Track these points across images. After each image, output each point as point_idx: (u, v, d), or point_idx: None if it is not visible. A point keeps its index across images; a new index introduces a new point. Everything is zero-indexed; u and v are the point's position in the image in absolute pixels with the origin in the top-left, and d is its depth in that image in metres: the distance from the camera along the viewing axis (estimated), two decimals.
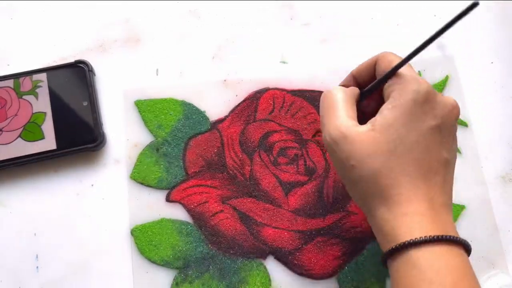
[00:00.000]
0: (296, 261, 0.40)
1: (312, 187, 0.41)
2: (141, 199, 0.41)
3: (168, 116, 0.43)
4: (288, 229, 0.40)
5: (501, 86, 0.44)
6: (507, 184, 0.42)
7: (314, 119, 0.43)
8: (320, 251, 0.40)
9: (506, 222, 0.41)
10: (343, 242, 0.40)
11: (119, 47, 0.45)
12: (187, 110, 0.43)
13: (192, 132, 0.42)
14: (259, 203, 0.41)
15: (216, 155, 0.42)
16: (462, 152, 0.42)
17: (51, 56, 0.44)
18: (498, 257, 0.40)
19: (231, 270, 0.39)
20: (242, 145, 0.42)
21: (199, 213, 0.40)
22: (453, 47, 0.45)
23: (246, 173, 0.42)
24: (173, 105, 0.43)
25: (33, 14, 0.45)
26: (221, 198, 0.41)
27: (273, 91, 0.44)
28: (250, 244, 0.40)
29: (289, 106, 0.43)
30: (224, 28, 0.45)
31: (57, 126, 0.41)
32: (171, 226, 0.40)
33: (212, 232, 0.40)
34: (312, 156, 0.42)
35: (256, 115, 0.43)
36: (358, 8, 0.46)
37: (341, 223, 0.40)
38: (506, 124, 0.43)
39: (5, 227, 0.40)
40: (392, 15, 0.46)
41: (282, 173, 0.42)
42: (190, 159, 0.42)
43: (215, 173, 0.41)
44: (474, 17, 0.45)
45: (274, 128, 0.43)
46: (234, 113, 0.43)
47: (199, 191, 0.41)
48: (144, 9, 0.46)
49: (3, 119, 0.41)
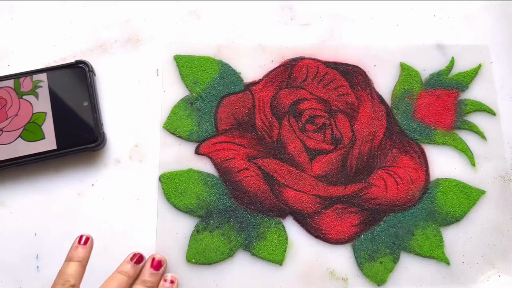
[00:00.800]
0: (314, 224, 0.41)
1: (337, 156, 0.42)
2: (171, 149, 0.42)
3: (204, 73, 0.44)
4: (309, 193, 0.41)
5: (501, 86, 0.45)
6: (507, 184, 0.42)
7: (346, 92, 0.44)
8: (338, 217, 0.41)
9: (506, 222, 0.41)
10: (361, 212, 0.41)
11: (120, 47, 0.45)
12: (223, 69, 0.44)
13: (226, 91, 0.44)
14: (283, 165, 0.42)
15: (247, 115, 0.43)
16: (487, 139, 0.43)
17: (51, 56, 0.44)
18: (498, 257, 0.41)
19: (251, 224, 0.40)
20: (272, 109, 0.43)
21: (225, 168, 0.42)
22: (453, 47, 0.45)
23: (274, 136, 0.43)
24: (210, 63, 0.44)
25: (33, 14, 0.45)
26: (247, 157, 0.42)
27: (308, 61, 0.45)
28: (271, 203, 0.41)
29: (322, 77, 0.44)
30: (224, 28, 0.46)
31: (58, 126, 0.40)
32: (197, 177, 0.41)
33: (235, 187, 0.41)
34: (340, 127, 0.43)
35: (289, 82, 0.44)
36: (358, 8, 0.47)
37: (361, 194, 0.41)
38: (506, 124, 0.44)
39: (5, 227, 0.40)
40: (392, 15, 0.47)
41: (308, 139, 0.43)
42: (221, 116, 0.43)
43: (244, 132, 0.43)
44: (474, 17, 0.46)
45: (305, 96, 0.44)
46: (268, 77, 0.44)
47: (227, 147, 0.42)
48: (144, 9, 0.46)
49: (3, 119, 0.40)
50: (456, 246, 0.41)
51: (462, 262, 0.40)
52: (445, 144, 0.43)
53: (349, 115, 0.43)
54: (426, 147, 0.43)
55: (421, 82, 0.44)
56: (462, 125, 0.43)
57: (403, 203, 0.41)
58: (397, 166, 0.42)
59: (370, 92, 0.44)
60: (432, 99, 0.44)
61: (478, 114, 0.44)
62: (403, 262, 0.40)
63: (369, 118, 0.43)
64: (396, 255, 0.40)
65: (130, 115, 0.43)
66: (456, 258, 0.41)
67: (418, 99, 0.44)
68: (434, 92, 0.44)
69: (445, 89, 0.44)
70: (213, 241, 0.40)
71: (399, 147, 0.43)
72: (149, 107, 0.43)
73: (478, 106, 0.44)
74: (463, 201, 0.42)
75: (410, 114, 0.44)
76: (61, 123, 0.40)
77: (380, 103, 0.44)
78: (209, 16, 0.46)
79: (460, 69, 0.45)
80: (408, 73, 0.45)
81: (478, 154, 0.43)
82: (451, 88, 0.44)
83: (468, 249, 0.41)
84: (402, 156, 0.43)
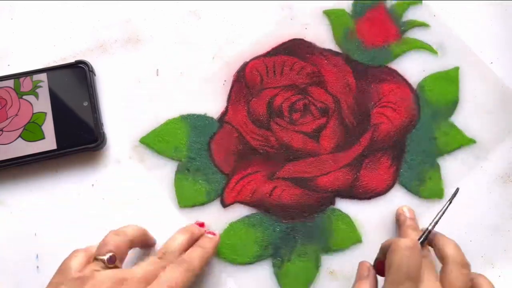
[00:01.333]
0: (360, 189, 0.42)
1: (334, 123, 0.43)
2: (202, 219, 0.41)
3: (177, 136, 0.42)
4: (337, 168, 0.42)
5: (501, 86, 0.45)
6: (507, 184, 0.42)
7: (301, 66, 0.44)
8: (373, 170, 0.42)
9: (506, 222, 0.42)
10: (386, 151, 0.43)
11: (120, 47, 0.44)
12: (190, 121, 0.43)
13: (207, 138, 0.43)
14: (300, 163, 0.42)
15: (240, 144, 0.43)
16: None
17: (51, 56, 0.44)
18: (498, 257, 0.41)
19: (315, 230, 0.41)
20: (255, 123, 0.43)
21: (258, 200, 0.41)
22: (453, 48, 0.45)
23: (275, 144, 0.43)
24: (174, 124, 0.43)
25: (33, 14, 0.45)
26: (267, 177, 0.42)
27: (252, 63, 0.44)
28: (315, 199, 0.42)
29: (273, 67, 0.44)
30: (224, 28, 0.45)
31: (58, 126, 0.41)
32: (242, 226, 0.41)
33: (279, 209, 0.41)
34: (318, 98, 0.44)
35: (251, 91, 0.44)
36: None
37: (375, 137, 0.43)
38: (506, 124, 0.44)
39: (5, 227, 0.40)
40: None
41: (302, 126, 0.43)
42: (219, 160, 0.42)
43: (249, 160, 0.42)
44: (474, 17, 0.46)
45: (273, 93, 0.44)
46: (231, 100, 0.44)
47: (246, 182, 0.42)
48: (144, 9, 0.45)
49: (3, 119, 0.41)
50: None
51: None
52: (405, 51, 0.45)
53: (318, 83, 0.44)
54: (393, 65, 0.45)
55: (350, 15, 0.46)
56: (405, 26, 0.46)
57: (410, 120, 0.44)
58: (383, 95, 0.44)
59: (320, 52, 0.45)
60: (368, 23, 0.46)
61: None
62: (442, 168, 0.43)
63: (335, 74, 0.44)
64: (435, 164, 0.43)
65: (130, 115, 0.43)
66: None
67: (357, 31, 0.45)
68: (365, 17, 0.46)
69: (372, 8, 0.46)
70: (296, 266, 0.40)
71: (374, 79, 0.44)
72: (149, 107, 0.43)
73: (406, 4, 0.46)
74: (448, 87, 0.44)
75: (361, 47, 0.45)
76: (61, 123, 0.41)
77: (334, 56, 0.45)
78: (209, 16, 0.45)
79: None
80: (336, 16, 0.46)
81: (478, 154, 0.43)
82: (376, 4, 0.46)
83: (468, 249, 0.39)
84: (381, 85, 0.44)
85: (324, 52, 0.45)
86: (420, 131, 0.43)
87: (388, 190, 0.42)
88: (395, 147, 0.43)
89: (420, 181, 0.42)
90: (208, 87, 0.44)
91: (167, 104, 0.43)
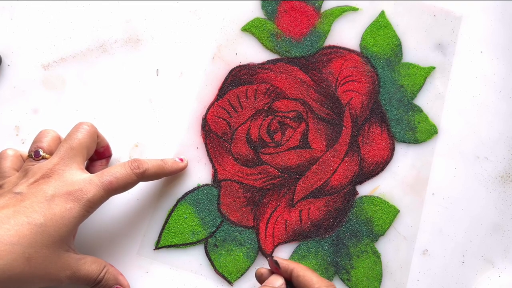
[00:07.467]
0: (370, 167, 0.43)
1: (312, 121, 0.43)
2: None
3: (187, 221, 0.41)
4: (340, 161, 0.43)
5: (501, 86, 0.45)
6: (507, 184, 0.42)
7: (254, 90, 0.44)
8: (370, 143, 0.43)
9: (506, 222, 0.42)
10: (370, 120, 0.43)
11: (120, 47, 0.44)
12: (190, 201, 0.42)
13: (214, 206, 0.42)
14: (307, 175, 0.42)
15: (246, 192, 0.42)
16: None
17: (51, 56, 0.44)
18: (498, 257, 0.41)
19: (356, 226, 0.41)
20: (247, 165, 0.42)
21: (293, 232, 0.41)
22: (452, 47, 0.45)
23: (276, 173, 0.42)
24: (178, 213, 0.41)
25: (33, 14, 0.45)
26: (288, 206, 0.42)
27: (209, 113, 0.43)
28: (340, 199, 0.42)
29: (231, 106, 0.44)
30: (224, 28, 0.45)
31: None
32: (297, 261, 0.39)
33: (315, 228, 0.41)
34: (286, 109, 0.43)
35: (225, 139, 0.43)
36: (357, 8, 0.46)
37: (353, 114, 0.43)
38: (505, 124, 0.44)
39: None
40: (392, 15, 0.46)
41: (289, 142, 0.43)
42: (238, 218, 0.41)
43: (263, 201, 0.42)
44: (474, 17, 0.45)
45: (245, 128, 0.43)
46: (214, 158, 0.43)
47: (273, 223, 0.41)
48: (144, 9, 0.46)
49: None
50: (456, 246, 0.41)
51: (462, 262, 0.41)
52: (331, 23, 0.45)
53: (278, 96, 0.44)
54: (329, 41, 0.45)
55: (266, 19, 0.45)
56: (317, 1, 0.46)
57: (373, 82, 0.44)
58: (338, 74, 0.44)
59: (261, 68, 0.44)
60: (286, 17, 0.45)
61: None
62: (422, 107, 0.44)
63: (286, 79, 0.44)
64: (415, 107, 0.44)
65: (130, 115, 0.43)
66: (456, 258, 0.41)
67: (281, 30, 0.45)
68: (280, 12, 0.45)
69: (280, 1, 0.46)
70: (361, 269, 0.41)
71: (321, 64, 0.44)
72: (149, 107, 0.43)
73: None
74: (385, 33, 0.45)
75: (292, 42, 0.45)
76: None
77: (275, 64, 0.45)
78: (209, 16, 0.45)
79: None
80: (254, 27, 0.45)
81: (478, 154, 0.43)
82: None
83: (468, 249, 0.41)
84: (330, 65, 0.44)
85: (265, 66, 0.44)
86: (387, 86, 0.44)
87: (393, 153, 0.43)
88: (375, 112, 0.44)
89: (412, 129, 0.43)
90: (208, 87, 0.44)
91: (167, 104, 0.43)
